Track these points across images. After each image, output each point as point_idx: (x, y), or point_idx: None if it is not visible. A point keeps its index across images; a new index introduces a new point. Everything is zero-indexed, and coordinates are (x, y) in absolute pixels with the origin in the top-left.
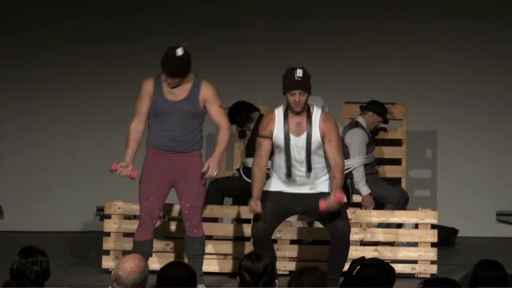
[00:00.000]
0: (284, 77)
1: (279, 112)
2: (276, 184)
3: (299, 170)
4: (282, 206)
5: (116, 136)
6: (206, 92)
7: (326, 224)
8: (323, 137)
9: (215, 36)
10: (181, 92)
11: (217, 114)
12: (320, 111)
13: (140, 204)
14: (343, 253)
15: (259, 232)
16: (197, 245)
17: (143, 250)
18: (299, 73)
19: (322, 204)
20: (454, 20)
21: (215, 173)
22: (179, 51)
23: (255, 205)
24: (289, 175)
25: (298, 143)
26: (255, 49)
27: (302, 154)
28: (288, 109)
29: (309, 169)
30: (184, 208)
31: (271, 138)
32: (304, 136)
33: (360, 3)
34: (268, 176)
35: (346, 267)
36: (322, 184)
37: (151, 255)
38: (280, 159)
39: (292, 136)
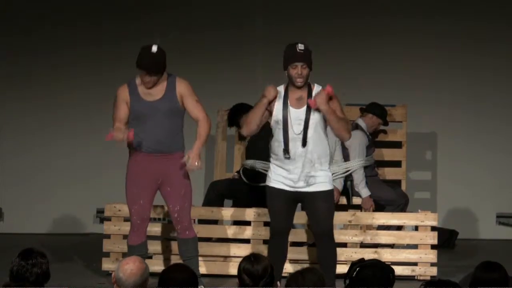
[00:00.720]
0: (285, 52)
1: (280, 88)
2: (278, 180)
3: (297, 145)
4: (287, 202)
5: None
6: (182, 87)
7: (310, 221)
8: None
9: (215, 36)
10: (157, 91)
11: (195, 109)
12: (320, 88)
13: (130, 208)
14: (329, 251)
15: (280, 226)
16: (190, 246)
17: (140, 253)
18: (300, 46)
19: (311, 101)
20: (454, 21)
21: (197, 164)
22: (154, 48)
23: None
24: (286, 151)
25: (297, 115)
26: (255, 49)
27: (299, 127)
28: (288, 86)
29: (304, 143)
30: (174, 212)
31: (270, 113)
32: (304, 108)
33: (360, 4)
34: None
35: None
36: (320, 179)
37: (148, 256)
38: (278, 136)
39: (291, 109)
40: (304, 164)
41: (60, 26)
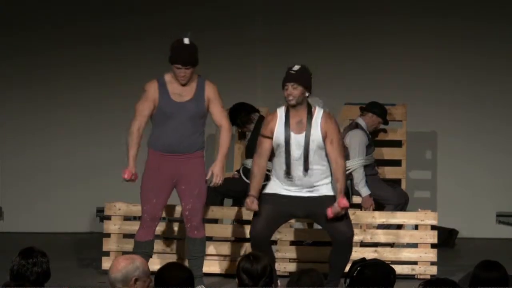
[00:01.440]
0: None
1: (281, 112)
2: (275, 187)
3: (298, 169)
4: (280, 208)
5: (116, 137)
6: (210, 91)
7: (328, 228)
8: (324, 137)
9: (215, 36)
10: (187, 92)
11: (219, 114)
12: (322, 111)
13: (142, 205)
14: (345, 256)
15: (257, 233)
16: (198, 246)
17: (144, 250)
18: (294, 67)
19: (330, 213)
20: (454, 21)
21: (220, 182)
22: (186, 40)
23: (251, 202)
24: (288, 173)
25: (297, 141)
26: (255, 49)
27: (299, 153)
28: (289, 108)
29: (306, 168)
30: (185, 209)
31: (272, 137)
32: (303, 134)
33: (360, 4)
34: (268, 178)
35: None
36: (323, 187)
37: (151, 256)
38: (280, 158)
39: (292, 134)
40: (303, 185)
41: (60, 26)
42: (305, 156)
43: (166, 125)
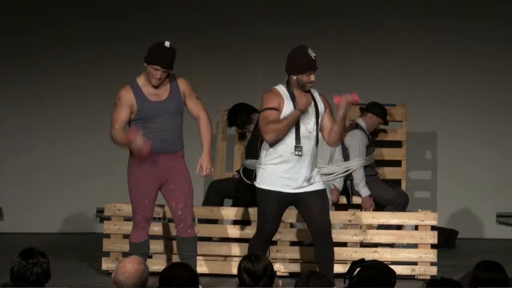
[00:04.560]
0: (296, 58)
1: (282, 89)
2: (275, 182)
3: (310, 143)
4: (283, 206)
5: None
6: (184, 86)
7: (307, 220)
8: (325, 109)
9: (215, 36)
10: (162, 91)
11: (196, 106)
12: (316, 91)
13: (134, 208)
14: (327, 251)
15: (269, 234)
16: (191, 245)
17: (142, 251)
18: (311, 52)
19: (338, 98)
20: (454, 21)
21: (210, 171)
22: (167, 43)
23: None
24: (298, 147)
25: (307, 114)
26: (255, 49)
27: (312, 124)
28: (291, 88)
29: (317, 140)
30: (177, 209)
31: (279, 110)
32: (312, 106)
33: (360, 4)
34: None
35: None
36: (317, 177)
37: (148, 255)
38: (288, 136)
39: None
40: (311, 162)
41: (60, 26)
42: (316, 127)
43: (148, 127)
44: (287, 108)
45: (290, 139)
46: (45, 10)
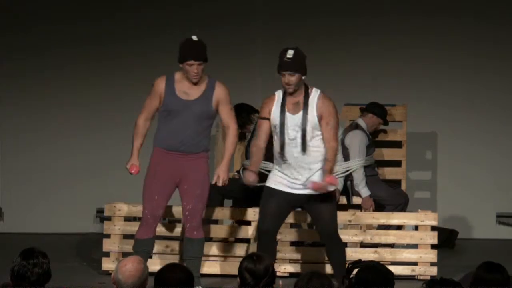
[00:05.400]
0: (279, 58)
1: (278, 94)
2: (278, 181)
3: (294, 150)
4: (284, 204)
5: (117, 137)
6: (221, 92)
7: (315, 221)
8: (320, 118)
9: (215, 36)
10: (195, 92)
11: (228, 116)
12: (319, 92)
13: (144, 203)
14: (337, 250)
15: (267, 229)
16: (196, 246)
17: (145, 248)
18: (289, 53)
19: (313, 185)
20: (454, 21)
21: (225, 183)
22: (194, 37)
23: (248, 175)
24: (282, 154)
25: (294, 121)
26: (255, 49)
27: (298, 132)
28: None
29: (304, 148)
30: (185, 209)
31: (269, 119)
32: (300, 114)
33: (360, 3)
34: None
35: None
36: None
37: (150, 255)
38: (276, 140)
39: (288, 114)
40: (301, 169)
41: (60, 25)
42: (303, 136)
43: (170, 123)
44: (275, 112)
45: (277, 145)
46: (45, 10)
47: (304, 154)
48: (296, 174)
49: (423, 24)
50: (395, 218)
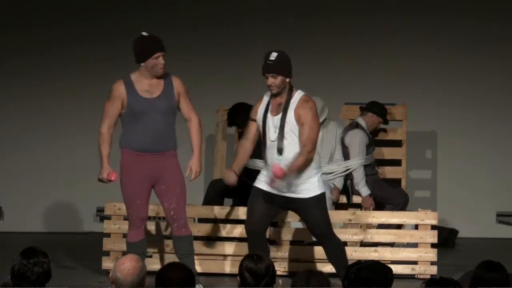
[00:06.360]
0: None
1: (267, 96)
2: (263, 182)
3: (272, 152)
4: (270, 205)
5: (116, 137)
6: (179, 85)
7: (306, 224)
8: (297, 120)
9: (215, 35)
10: (155, 89)
11: (189, 108)
12: (301, 94)
13: (128, 208)
14: (334, 250)
15: (252, 227)
16: (186, 244)
17: (139, 250)
18: (272, 56)
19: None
20: (454, 20)
21: (199, 174)
22: (145, 33)
23: (228, 175)
24: (264, 155)
25: (274, 122)
26: (255, 48)
27: (274, 134)
28: None
29: (279, 151)
30: (170, 209)
31: (256, 120)
32: (279, 116)
33: (360, 3)
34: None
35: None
36: (305, 184)
37: (146, 254)
38: (262, 142)
39: (269, 116)
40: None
41: (60, 25)
42: (280, 138)
43: (137, 123)
44: (259, 113)
45: (262, 146)
46: (45, 10)
47: (280, 155)
48: (284, 192)
49: (423, 23)
50: (395, 217)
